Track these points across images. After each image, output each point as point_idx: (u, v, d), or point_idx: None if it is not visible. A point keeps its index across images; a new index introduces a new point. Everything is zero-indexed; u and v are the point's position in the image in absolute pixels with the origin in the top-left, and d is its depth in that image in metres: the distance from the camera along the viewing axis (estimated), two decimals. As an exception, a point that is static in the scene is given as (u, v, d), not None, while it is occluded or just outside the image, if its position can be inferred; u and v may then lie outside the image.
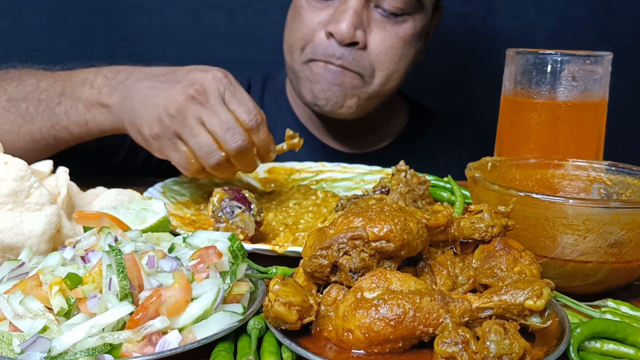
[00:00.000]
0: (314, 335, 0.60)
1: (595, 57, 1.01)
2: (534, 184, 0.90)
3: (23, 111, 1.12)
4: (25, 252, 0.70)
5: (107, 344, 0.55)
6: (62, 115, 1.10)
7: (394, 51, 1.32)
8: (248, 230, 0.88)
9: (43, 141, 1.13)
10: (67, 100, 1.10)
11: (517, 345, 0.52)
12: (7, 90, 1.15)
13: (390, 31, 1.30)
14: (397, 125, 1.60)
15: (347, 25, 1.24)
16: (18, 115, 1.12)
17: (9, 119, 1.13)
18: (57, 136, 1.12)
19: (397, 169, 1.02)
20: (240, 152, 0.97)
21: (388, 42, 1.31)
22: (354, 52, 1.28)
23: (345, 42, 1.26)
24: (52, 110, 1.11)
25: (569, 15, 2.00)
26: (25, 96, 1.13)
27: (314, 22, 1.30)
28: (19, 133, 1.12)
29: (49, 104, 1.11)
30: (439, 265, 0.65)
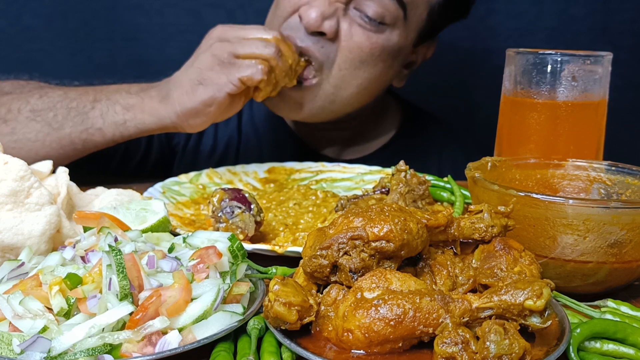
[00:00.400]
0: (314, 335, 0.60)
1: (595, 57, 1.01)
2: (534, 184, 0.90)
3: (51, 119, 1.15)
4: (25, 252, 0.70)
5: (107, 344, 0.55)
6: (98, 118, 1.14)
7: (357, 52, 1.23)
8: (248, 230, 0.88)
9: (70, 146, 1.15)
10: (103, 105, 1.15)
11: (517, 345, 0.52)
12: (30, 102, 1.17)
13: (363, 33, 1.22)
14: (389, 128, 1.58)
15: (316, 14, 1.17)
16: (45, 124, 1.15)
17: (34, 128, 1.15)
18: (88, 139, 1.15)
19: (397, 169, 1.02)
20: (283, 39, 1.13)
21: (357, 39, 1.22)
22: (322, 41, 1.21)
23: (310, 29, 1.19)
24: (85, 115, 1.14)
25: (569, 15, 1.99)
26: (53, 105, 1.16)
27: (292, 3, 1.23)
28: (45, 141, 1.15)
29: (80, 110, 1.15)
30: (439, 265, 0.65)
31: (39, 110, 1.16)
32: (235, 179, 1.25)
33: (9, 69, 1.94)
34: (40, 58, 1.96)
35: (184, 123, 1.13)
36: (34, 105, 1.17)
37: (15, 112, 1.16)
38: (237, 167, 1.29)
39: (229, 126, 1.52)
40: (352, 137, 1.53)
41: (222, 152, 1.51)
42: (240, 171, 1.28)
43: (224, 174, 1.25)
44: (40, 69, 1.96)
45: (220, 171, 1.26)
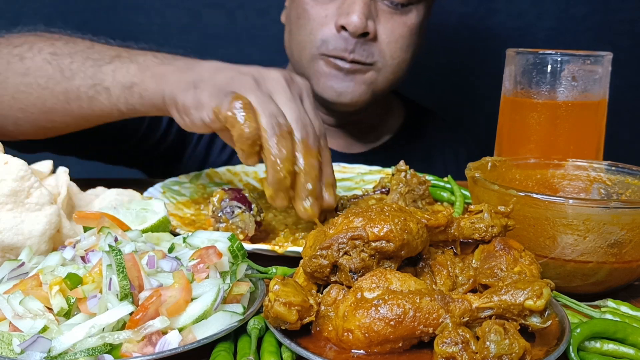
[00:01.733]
0: (314, 335, 0.60)
1: (595, 57, 1.01)
2: (534, 184, 0.90)
3: (65, 66, 1.04)
4: (25, 252, 0.70)
5: (107, 344, 0.55)
6: (109, 74, 1.01)
7: (402, 40, 1.35)
8: (248, 230, 0.88)
9: (76, 102, 1.04)
10: (121, 62, 1.02)
11: (517, 345, 0.52)
12: (55, 44, 1.08)
13: (398, 21, 1.34)
14: (392, 125, 1.61)
15: (359, 16, 1.26)
16: (58, 70, 1.04)
17: (47, 72, 1.05)
18: (94, 97, 1.02)
19: (397, 169, 1.02)
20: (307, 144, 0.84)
21: (397, 32, 1.34)
22: (365, 43, 1.31)
23: (358, 32, 1.27)
24: (98, 68, 1.02)
25: (569, 15, 2.00)
26: (74, 53, 1.05)
27: (321, 16, 1.32)
28: (54, 90, 1.04)
29: (97, 62, 1.03)
30: (439, 265, 0.65)
31: (59, 54, 1.06)
32: (235, 179, 1.25)
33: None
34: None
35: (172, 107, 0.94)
36: (57, 48, 1.07)
37: (36, 51, 1.07)
38: (237, 167, 1.29)
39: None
40: (357, 133, 1.55)
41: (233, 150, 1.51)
42: (240, 171, 1.28)
43: (224, 174, 1.25)
44: (40, 69, 1.96)
45: (220, 171, 1.26)
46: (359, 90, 1.36)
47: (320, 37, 1.32)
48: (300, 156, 0.84)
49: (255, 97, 0.84)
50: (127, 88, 1.00)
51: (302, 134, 0.84)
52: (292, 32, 1.40)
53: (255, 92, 0.85)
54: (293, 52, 1.41)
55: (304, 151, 0.84)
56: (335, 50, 1.31)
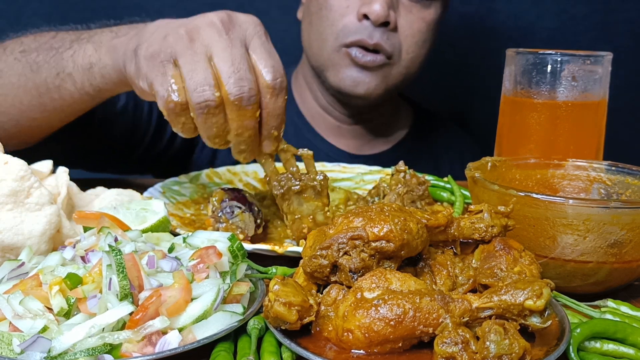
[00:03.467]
0: (314, 335, 0.60)
1: (595, 57, 1.01)
2: (534, 184, 0.90)
3: (32, 61, 1.03)
4: (25, 252, 0.70)
5: (107, 344, 0.55)
6: (69, 60, 0.98)
7: (420, 35, 1.37)
8: (248, 230, 0.88)
9: (47, 94, 1.02)
10: (79, 44, 0.99)
11: (517, 345, 0.52)
12: (24, 42, 1.08)
13: (417, 15, 1.36)
14: (401, 128, 1.62)
15: (381, 4, 1.28)
16: (26, 66, 1.03)
17: (17, 70, 1.04)
18: (61, 86, 1.00)
19: (397, 169, 1.02)
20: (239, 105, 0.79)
21: (416, 25, 1.36)
22: (386, 32, 1.32)
23: (380, 20, 1.29)
24: (60, 56, 1.00)
25: (569, 15, 2.00)
26: (39, 46, 1.04)
27: (343, 7, 1.33)
28: (26, 86, 1.03)
29: (59, 50, 1.01)
30: (439, 265, 0.65)
31: (27, 50, 1.05)
32: (235, 179, 1.25)
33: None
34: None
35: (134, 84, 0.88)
36: (25, 45, 1.06)
37: (9, 52, 1.07)
38: (237, 167, 1.29)
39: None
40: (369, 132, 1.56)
41: None
42: (240, 171, 1.28)
43: (224, 174, 1.25)
44: (40, 69, 1.96)
45: (220, 171, 1.26)
46: (374, 82, 1.37)
47: (342, 26, 1.33)
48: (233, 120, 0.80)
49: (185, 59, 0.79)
50: (87, 70, 0.96)
51: (235, 93, 0.78)
52: (312, 24, 1.40)
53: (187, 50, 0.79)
54: (312, 44, 1.42)
55: (236, 114, 0.79)
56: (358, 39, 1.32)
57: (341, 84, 1.38)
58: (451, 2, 1.52)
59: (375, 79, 1.37)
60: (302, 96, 1.54)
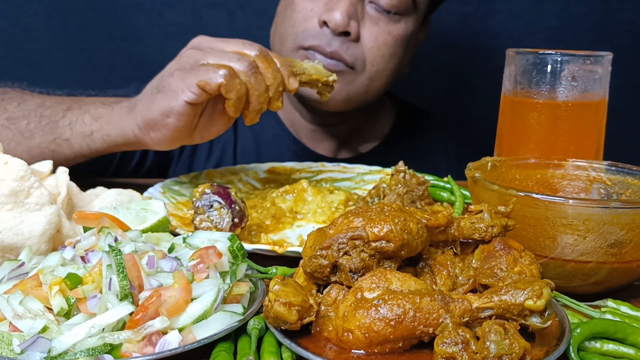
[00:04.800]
0: (314, 335, 0.60)
1: (595, 57, 1.01)
2: (534, 184, 0.90)
3: (23, 128, 1.11)
4: (25, 252, 0.70)
5: (107, 344, 0.55)
6: (66, 128, 1.09)
7: (385, 48, 1.32)
8: (221, 226, 0.87)
9: (40, 157, 1.10)
10: (74, 114, 1.09)
11: (517, 345, 0.52)
12: (8, 109, 1.14)
13: (384, 28, 1.30)
14: (381, 129, 1.59)
15: (342, 14, 1.23)
16: (17, 132, 1.11)
17: (7, 136, 1.12)
18: (56, 151, 1.10)
19: (396, 169, 1.02)
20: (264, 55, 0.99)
21: (381, 38, 1.30)
22: (347, 42, 1.27)
23: (339, 30, 1.24)
24: (55, 124, 1.09)
25: (569, 15, 2.00)
26: (28, 114, 1.12)
27: (307, 9, 1.29)
28: (16, 151, 1.10)
29: (52, 118, 1.10)
30: (439, 265, 0.65)
31: (14, 118, 1.12)
32: (235, 178, 1.25)
33: (9, 69, 1.95)
34: (40, 58, 1.96)
35: (146, 137, 1.02)
36: (10, 112, 1.13)
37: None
38: (237, 167, 1.29)
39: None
40: (347, 136, 1.53)
41: (219, 155, 1.51)
42: (241, 171, 1.28)
43: (224, 174, 1.25)
44: (40, 69, 1.97)
45: (220, 171, 1.26)
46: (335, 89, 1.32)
47: (302, 29, 1.29)
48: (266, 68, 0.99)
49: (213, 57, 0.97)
50: (87, 136, 1.08)
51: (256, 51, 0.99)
52: (277, 25, 1.38)
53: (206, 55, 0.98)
54: (275, 43, 1.39)
55: (266, 63, 0.99)
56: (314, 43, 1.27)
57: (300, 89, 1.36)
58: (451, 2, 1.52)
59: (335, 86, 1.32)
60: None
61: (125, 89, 1.33)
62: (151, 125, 0.99)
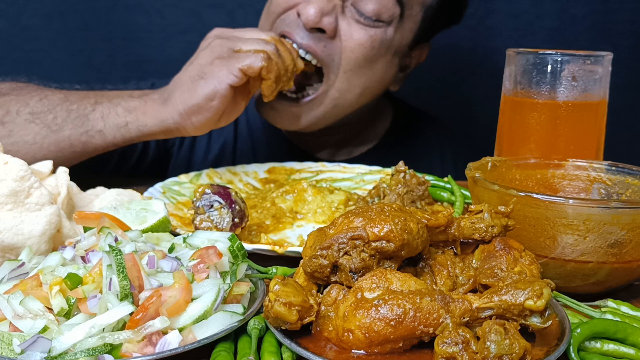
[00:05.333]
0: (314, 335, 0.60)
1: (595, 57, 1.01)
2: (534, 184, 0.90)
3: (50, 121, 1.13)
4: (25, 252, 0.70)
5: (107, 344, 0.55)
6: (98, 120, 1.12)
7: (360, 50, 1.24)
8: (221, 226, 0.87)
9: (70, 149, 1.13)
10: (104, 107, 1.13)
11: (518, 345, 0.52)
12: (29, 104, 1.15)
13: (362, 30, 1.23)
14: (380, 129, 1.58)
15: (315, 9, 1.18)
16: (44, 126, 1.12)
17: (33, 130, 1.13)
18: (88, 142, 1.13)
19: (397, 169, 1.02)
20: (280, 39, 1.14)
21: (356, 36, 1.23)
22: (323, 39, 1.22)
23: (309, 25, 1.20)
24: (85, 117, 1.12)
25: (569, 15, 2.00)
26: (53, 108, 1.14)
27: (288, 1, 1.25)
28: (43, 144, 1.12)
29: (81, 112, 1.13)
30: (439, 265, 0.65)
31: (38, 112, 1.14)
32: (236, 179, 1.25)
33: (9, 69, 1.95)
34: (40, 58, 1.96)
35: (187, 122, 1.10)
36: (33, 107, 1.14)
37: (14, 114, 1.14)
38: (237, 167, 1.29)
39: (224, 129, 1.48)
40: (344, 139, 1.53)
41: (217, 154, 1.51)
42: (241, 171, 1.28)
43: (224, 174, 1.25)
44: (40, 69, 1.96)
45: (220, 171, 1.26)
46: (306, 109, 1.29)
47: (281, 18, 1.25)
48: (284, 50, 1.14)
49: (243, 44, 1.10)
50: (122, 127, 1.12)
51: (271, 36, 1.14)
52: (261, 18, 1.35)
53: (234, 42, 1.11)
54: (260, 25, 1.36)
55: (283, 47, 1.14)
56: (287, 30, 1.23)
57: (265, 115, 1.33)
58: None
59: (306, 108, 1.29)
60: None
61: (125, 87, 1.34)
62: (194, 111, 1.09)
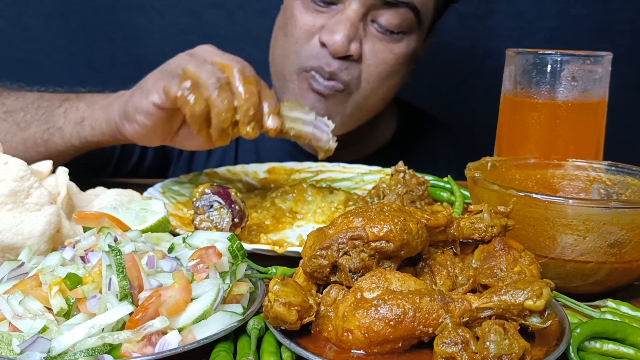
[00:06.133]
0: (313, 335, 0.60)
1: (595, 57, 1.01)
2: (534, 184, 0.90)
3: (20, 119, 1.12)
4: (25, 252, 0.70)
5: (107, 344, 0.55)
6: (60, 116, 1.09)
7: (384, 66, 1.28)
8: (221, 226, 0.87)
9: (34, 149, 1.11)
10: (70, 103, 1.10)
11: (517, 345, 0.52)
12: (5, 104, 1.16)
13: (385, 46, 1.27)
14: (386, 131, 1.58)
15: (342, 38, 1.20)
16: (14, 124, 1.13)
17: (4, 128, 1.13)
18: (49, 140, 1.10)
19: (396, 169, 1.02)
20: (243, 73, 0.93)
21: (381, 55, 1.27)
22: (347, 63, 1.24)
23: (338, 55, 1.22)
24: (50, 113, 1.10)
25: (569, 15, 2.00)
26: (25, 106, 1.14)
27: (308, 25, 1.26)
28: (12, 142, 1.12)
29: (48, 108, 1.11)
30: (438, 265, 0.65)
31: (12, 111, 1.14)
32: (235, 178, 1.25)
33: (9, 69, 1.95)
34: (40, 58, 1.96)
35: (124, 127, 1.01)
36: (8, 106, 1.15)
37: None
38: (237, 167, 1.29)
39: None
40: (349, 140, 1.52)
41: (220, 157, 1.50)
42: (240, 171, 1.28)
43: (224, 174, 1.25)
44: (40, 70, 1.97)
45: (220, 171, 1.26)
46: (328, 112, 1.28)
47: (304, 49, 1.26)
48: (239, 85, 0.92)
49: (192, 64, 0.94)
50: (78, 124, 1.08)
51: (238, 67, 0.94)
52: (277, 38, 1.34)
53: (191, 61, 0.95)
54: (276, 59, 1.35)
55: (243, 80, 0.92)
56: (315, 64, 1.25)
57: None
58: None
59: (330, 108, 1.29)
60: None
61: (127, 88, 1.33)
62: (126, 117, 1.00)
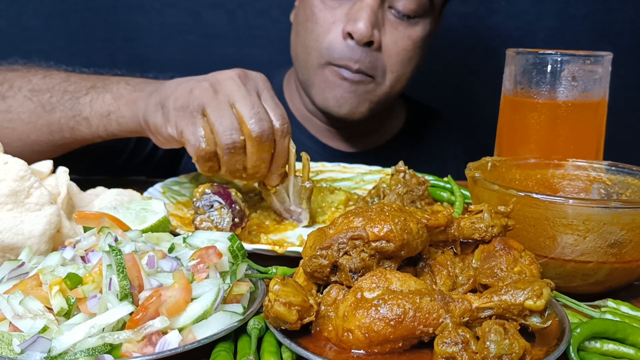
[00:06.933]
0: (314, 335, 0.60)
1: (595, 57, 1.01)
2: (534, 184, 0.90)
3: (45, 101, 1.09)
4: (25, 252, 0.70)
5: (107, 344, 0.55)
6: (86, 105, 1.07)
7: (405, 53, 1.34)
8: (222, 226, 0.87)
9: (59, 133, 1.10)
10: (96, 92, 1.08)
11: (517, 345, 0.52)
12: (32, 81, 1.13)
13: (403, 32, 1.33)
14: (395, 124, 1.61)
15: (366, 24, 1.25)
16: (39, 105, 1.10)
17: (29, 108, 1.10)
18: (75, 128, 1.08)
19: (396, 169, 1.02)
20: (260, 140, 0.90)
21: (401, 43, 1.33)
22: (370, 53, 1.30)
23: (364, 41, 1.27)
24: (76, 100, 1.08)
25: (569, 15, 2.00)
26: (52, 87, 1.11)
27: (329, 22, 1.31)
28: (37, 124, 1.10)
29: (75, 94, 1.09)
30: (439, 265, 0.65)
31: (38, 90, 1.11)
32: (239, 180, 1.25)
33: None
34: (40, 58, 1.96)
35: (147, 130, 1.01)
36: (35, 84, 1.12)
37: (16, 89, 1.12)
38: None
39: None
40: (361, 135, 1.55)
41: None
42: (240, 171, 1.28)
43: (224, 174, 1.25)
44: (40, 69, 1.96)
45: (220, 171, 1.26)
46: (357, 101, 1.35)
47: (327, 44, 1.31)
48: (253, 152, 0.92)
49: (212, 108, 0.90)
50: (104, 116, 1.06)
51: (257, 131, 0.90)
52: (299, 34, 1.39)
53: (212, 101, 0.91)
54: (299, 55, 1.40)
55: (257, 148, 0.91)
56: (342, 60, 1.30)
57: (326, 103, 1.37)
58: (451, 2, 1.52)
59: (359, 98, 1.35)
60: (293, 99, 1.54)
61: None
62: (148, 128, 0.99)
